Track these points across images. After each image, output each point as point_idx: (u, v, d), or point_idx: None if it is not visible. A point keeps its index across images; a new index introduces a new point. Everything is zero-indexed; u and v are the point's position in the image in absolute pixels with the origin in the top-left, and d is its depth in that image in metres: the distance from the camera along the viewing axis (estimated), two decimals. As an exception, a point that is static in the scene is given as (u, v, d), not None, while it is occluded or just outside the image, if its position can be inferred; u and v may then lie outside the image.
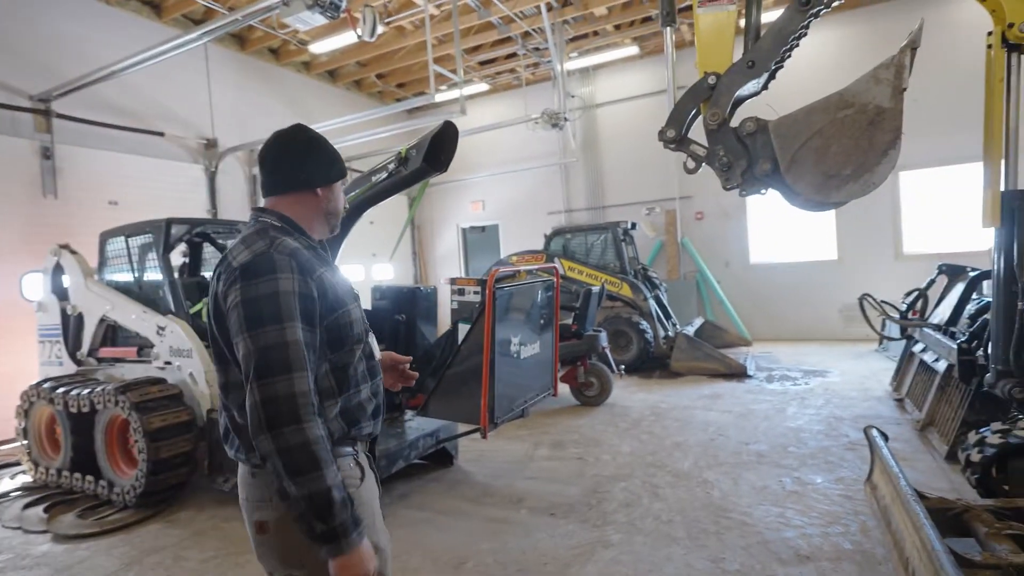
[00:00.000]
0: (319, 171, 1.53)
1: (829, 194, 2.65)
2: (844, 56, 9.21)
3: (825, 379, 6.87)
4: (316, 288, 1.38)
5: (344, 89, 11.57)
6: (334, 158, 1.57)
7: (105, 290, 4.83)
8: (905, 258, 9.24)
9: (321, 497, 1.22)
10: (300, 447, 1.23)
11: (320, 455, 1.24)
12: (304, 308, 1.34)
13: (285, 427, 1.23)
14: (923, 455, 4.21)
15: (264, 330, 1.28)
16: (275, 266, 1.33)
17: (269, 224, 1.46)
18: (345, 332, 1.45)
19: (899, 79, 2.47)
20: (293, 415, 1.24)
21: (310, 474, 1.22)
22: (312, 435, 1.25)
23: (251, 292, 1.30)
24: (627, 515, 3.59)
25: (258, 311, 1.29)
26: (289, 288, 1.32)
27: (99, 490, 4.28)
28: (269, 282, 1.31)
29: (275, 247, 1.36)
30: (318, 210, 1.54)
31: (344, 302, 1.46)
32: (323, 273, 1.43)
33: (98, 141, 7.29)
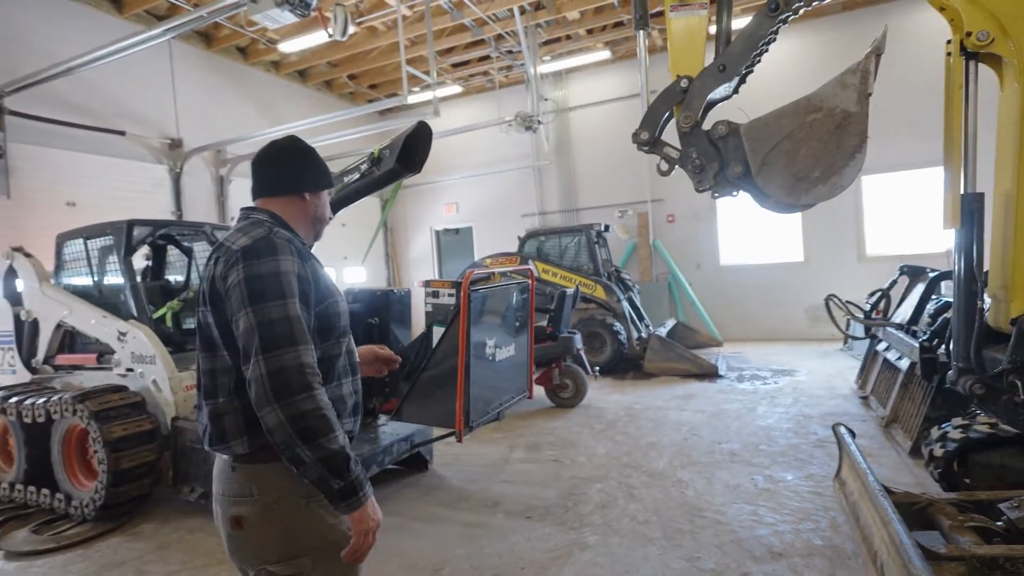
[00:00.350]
0: (309, 177, 1.61)
1: (799, 196, 2.70)
2: (811, 63, 9.46)
3: (793, 378, 7.03)
4: (310, 274, 1.46)
5: (315, 89, 11.38)
6: (324, 169, 1.66)
7: (62, 294, 4.63)
8: (868, 259, 9.53)
9: (338, 456, 1.28)
10: (312, 413, 1.27)
11: (331, 418, 1.30)
12: (301, 289, 1.40)
13: (297, 395, 1.27)
14: (888, 451, 4.33)
15: (268, 304, 1.32)
16: (276, 248, 1.39)
17: (262, 219, 1.52)
18: (333, 322, 1.50)
19: (865, 84, 2.54)
20: (303, 384, 1.29)
21: (325, 436, 1.27)
22: (323, 400, 1.30)
23: (254, 270, 1.35)
24: (603, 516, 3.59)
25: (261, 287, 1.34)
26: (290, 268, 1.39)
27: (55, 504, 4.09)
28: (271, 262, 1.37)
29: (274, 233, 1.44)
30: (306, 214, 1.61)
31: (333, 292, 1.52)
32: (314, 264, 1.51)
33: (55, 139, 7.00)
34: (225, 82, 9.33)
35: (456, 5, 8.48)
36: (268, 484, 1.38)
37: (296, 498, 1.38)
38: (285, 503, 1.38)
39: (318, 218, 1.64)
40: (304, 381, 1.29)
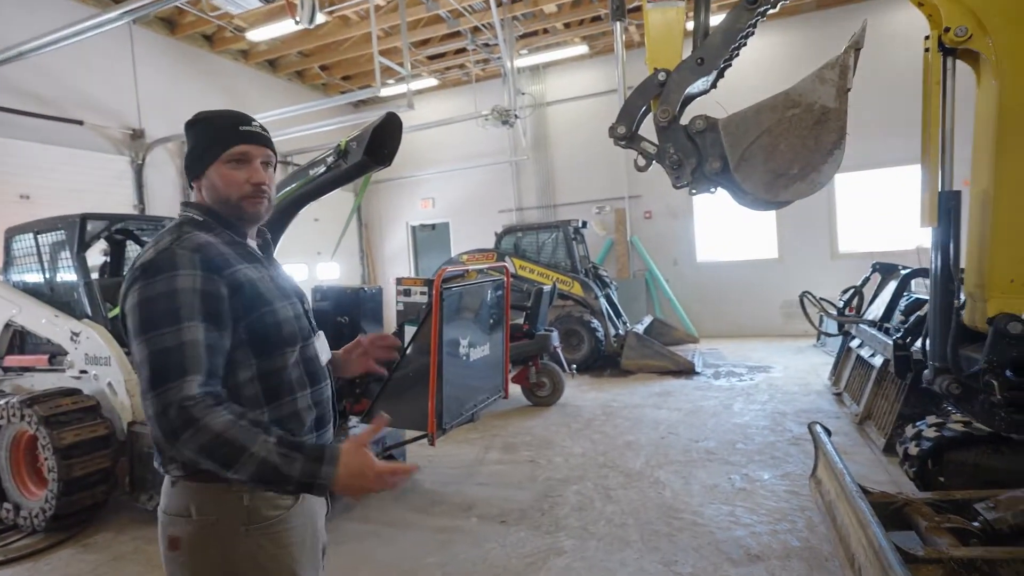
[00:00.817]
0: (190, 160, 1.41)
1: (777, 193, 2.65)
2: (787, 61, 9.52)
3: (769, 375, 7.07)
4: (227, 285, 1.26)
5: (285, 80, 11.08)
6: (205, 140, 1.38)
7: (11, 292, 4.38)
8: (840, 256, 9.65)
9: (265, 471, 1.13)
10: (210, 444, 1.12)
11: (238, 438, 1.13)
12: (208, 307, 1.22)
13: (183, 434, 1.12)
14: (862, 448, 4.35)
15: (159, 332, 1.17)
16: (175, 262, 1.22)
17: (189, 218, 1.37)
18: (271, 333, 1.32)
19: (843, 79, 2.49)
20: (187, 419, 1.12)
21: (239, 460, 1.12)
22: (218, 426, 1.13)
23: (148, 291, 1.20)
24: (580, 519, 3.52)
25: (152, 312, 1.19)
26: (188, 286, 1.21)
27: (3, 514, 3.86)
28: (165, 280, 1.20)
29: (179, 242, 1.26)
30: (210, 202, 1.39)
31: (268, 300, 1.33)
32: (242, 270, 1.31)
33: (6, 129, 6.64)
34: (190, 71, 8.99)
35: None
36: (206, 504, 1.25)
37: (235, 523, 1.25)
38: (223, 527, 1.25)
39: (219, 200, 1.37)
40: (186, 416, 1.12)
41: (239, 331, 1.28)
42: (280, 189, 3.42)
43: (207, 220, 1.37)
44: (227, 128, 1.37)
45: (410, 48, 9.78)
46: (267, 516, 1.27)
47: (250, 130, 1.39)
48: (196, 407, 1.13)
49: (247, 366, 1.30)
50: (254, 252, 1.42)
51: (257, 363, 1.31)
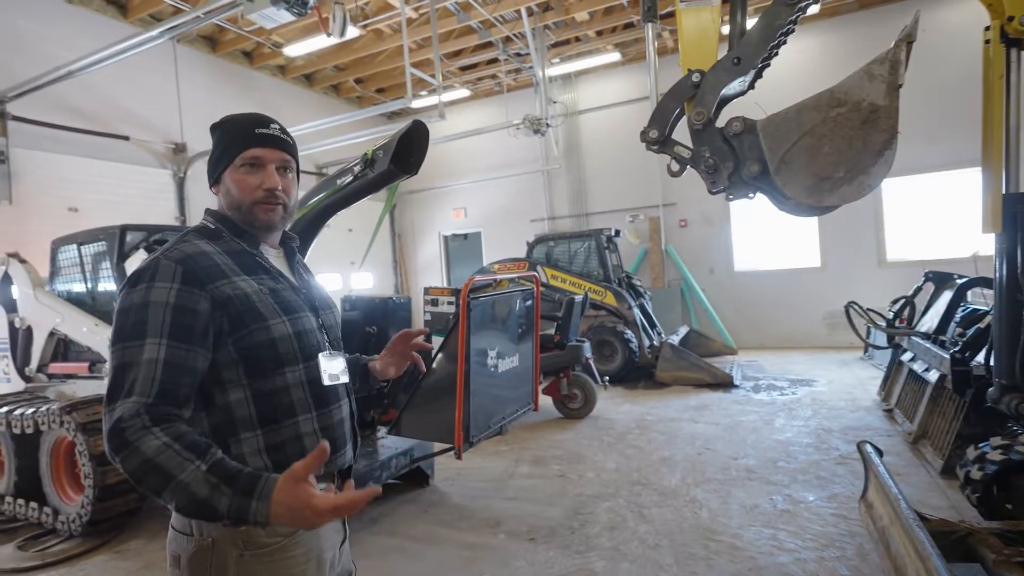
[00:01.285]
0: (211, 162, 1.36)
1: (822, 197, 2.48)
2: (826, 65, 9.21)
3: (812, 388, 6.75)
4: (210, 299, 1.19)
5: (321, 94, 11.32)
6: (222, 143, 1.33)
7: (55, 301, 4.52)
8: (888, 265, 9.21)
9: (192, 503, 1.05)
10: (142, 468, 1.05)
11: (168, 464, 1.04)
12: (177, 323, 1.15)
13: (119, 454, 1.07)
14: (916, 469, 4.07)
15: (124, 345, 1.13)
16: (156, 273, 1.18)
17: (201, 226, 1.34)
18: (263, 352, 1.24)
19: (894, 75, 2.32)
20: (121, 441, 1.06)
21: (167, 488, 1.05)
22: (150, 450, 1.05)
23: (125, 301, 1.17)
24: (611, 539, 3.37)
25: (124, 323, 1.15)
26: (161, 299, 1.15)
27: (43, 518, 3.96)
28: (143, 291, 1.16)
29: (169, 251, 1.22)
30: (227, 208, 1.35)
31: (263, 316, 1.24)
32: (234, 283, 1.23)
33: (57, 145, 6.95)
34: (230, 86, 9.28)
35: (462, 7, 8.35)
36: (206, 524, 1.18)
37: (230, 547, 1.18)
38: (219, 550, 1.19)
39: (233, 207, 1.32)
40: (121, 439, 1.06)
41: (227, 348, 1.21)
42: (308, 199, 3.42)
43: (218, 228, 1.33)
44: (242, 131, 1.32)
45: (442, 59, 9.88)
46: (264, 543, 1.20)
47: (266, 132, 1.32)
48: (130, 429, 1.06)
49: (237, 386, 1.22)
50: (264, 263, 1.34)
51: (249, 383, 1.23)
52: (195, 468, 1.05)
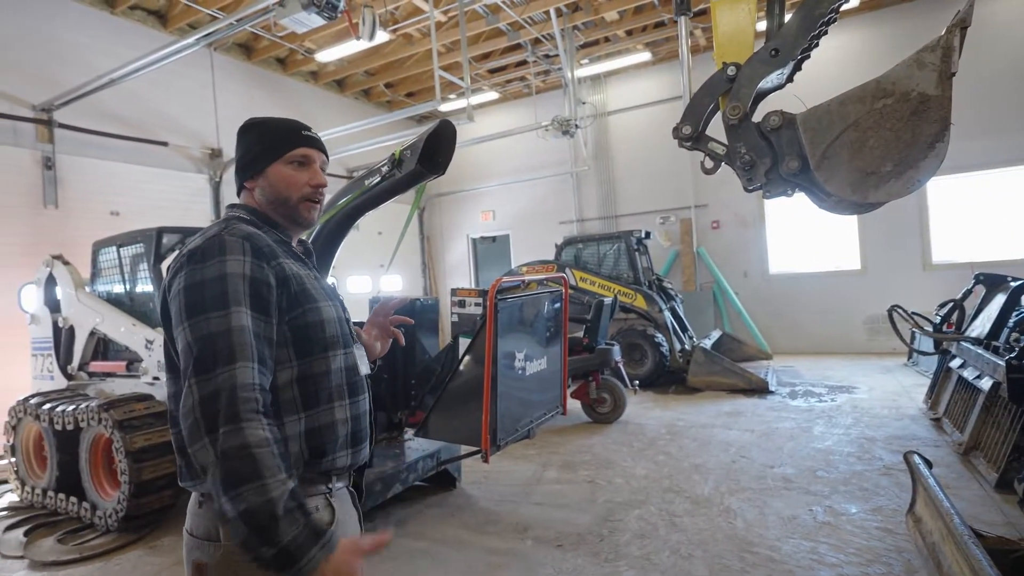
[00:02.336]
0: (245, 159, 1.37)
1: (867, 193, 2.35)
2: (868, 62, 8.90)
3: (852, 395, 6.49)
4: (275, 275, 1.20)
5: (352, 99, 11.48)
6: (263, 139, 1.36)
7: (95, 302, 4.66)
8: (934, 267, 8.82)
9: (262, 513, 0.99)
10: (237, 451, 1.01)
11: (262, 460, 1.02)
12: (256, 294, 1.15)
13: (222, 427, 1.02)
14: (968, 482, 3.84)
15: (207, 316, 1.10)
16: (224, 247, 1.16)
17: (234, 216, 1.33)
18: (314, 333, 1.25)
19: (947, 63, 2.18)
20: (231, 413, 1.03)
21: (248, 484, 1.00)
22: (254, 436, 1.03)
23: (195, 277, 1.14)
24: (641, 548, 3.27)
25: (200, 296, 1.12)
26: (238, 270, 1.15)
27: (82, 512, 4.07)
28: (216, 264, 1.14)
29: (228, 230, 1.21)
30: (261, 202, 1.35)
31: (314, 297, 1.26)
32: (288, 264, 1.25)
33: (100, 151, 7.20)
34: (264, 92, 9.47)
35: (491, 9, 8.35)
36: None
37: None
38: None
39: (273, 201, 1.34)
40: (232, 410, 1.03)
41: (283, 327, 1.21)
42: (336, 200, 3.43)
43: (253, 220, 1.33)
44: (290, 131, 1.37)
45: (471, 62, 9.90)
46: None
47: (311, 135, 1.39)
48: (245, 405, 1.04)
49: (287, 367, 1.22)
50: (298, 253, 1.37)
51: (298, 364, 1.23)
52: (283, 480, 1.03)
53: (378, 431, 4.26)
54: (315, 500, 1.23)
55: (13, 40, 6.53)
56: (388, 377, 4.24)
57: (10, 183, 6.35)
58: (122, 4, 7.40)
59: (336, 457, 1.27)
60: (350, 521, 1.33)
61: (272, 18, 4.45)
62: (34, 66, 6.66)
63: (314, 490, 1.24)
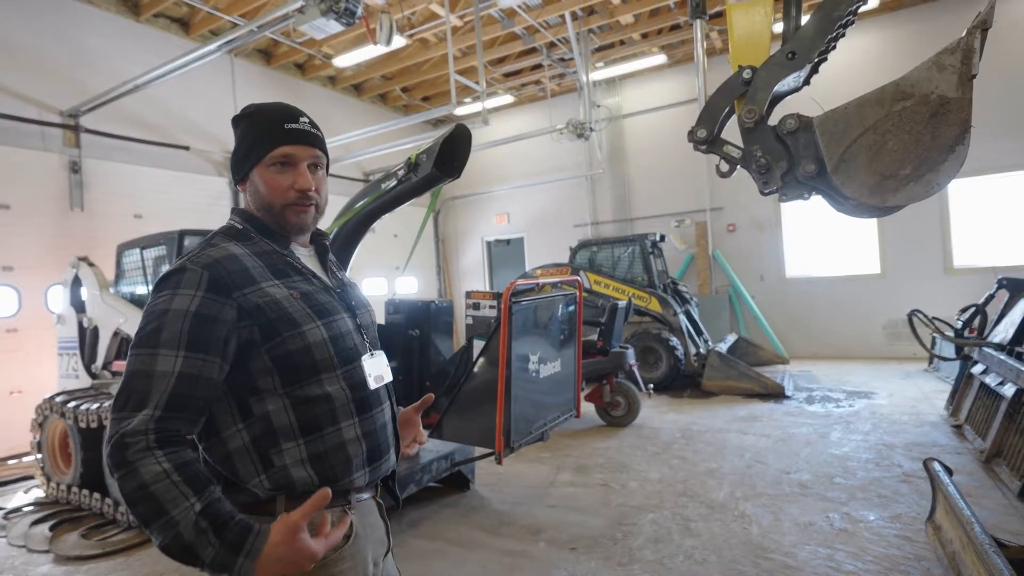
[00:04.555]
0: (237, 159, 1.29)
1: (885, 197, 2.33)
2: (886, 63, 8.79)
3: (871, 401, 6.40)
4: (237, 308, 1.13)
5: (369, 103, 11.60)
6: (250, 138, 1.25)
7: (119, 302, 4.76)
8: (955, 272, 8.67)
9: (175, 545, 0.99)
10: (136, 493, 1.00)
11: (163, 495, 0.99)
12: (197, 332, 1.09)
13: (116, 472, 1.02)
14: (990, 490, 3.77)
15: (138, 352, 1.08)
16: (181, 280, 1.12)
17: (228, 227, 1.28)
18: (300, 359, 1.18)
19: (967, 65, 2.15)
20: (122, 457, 1.01)
21: (156, 522, 0.99)
22: (148, 474, 1.00)
23: (149, 307, 1.13)
24: (655, 552, 3.27)
25: (143, 327, 1.10)
26: (183, 307, 1.10)
27: (105, 508, 4.16)
28: (165, 299, 1.11)
29: (196, 257, 1.16)
30: (256, 206, 1.28)
31: (296, 322, 1.18)
32: (264, 288, 1.17)
33: (124, 155, 7.37)
34: (283, 96, 9.55)
35: (507, 13, 8.39)
36: None
37: None
38: None
39: (263, 207, 1.26)
40: (122, 454, 1.01)
41: (261, 358, 1.15)
42: (353, 203, 3.48)
43: (247, 228, 1.27)
44: (271, 126, 1.24)
45: (486, 66, 9.96)
46: None
47: (297, 128, 1.25)
48: (133, 446, 1.01)
49: (274, 396, 1.16)
50: (295, 263, 1.28)
51: (287, 392, 1.17)
52: (188, 506, 1.00)
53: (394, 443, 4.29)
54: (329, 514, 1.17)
55: (43, 48, 6.71)
56: (403, 378, 4.29)
57: (38, 186, 6.52)
58: (146, 12, 7.58)
59: (353, 479, 1.22)
60: (372, 533, 1.28)
61: (291, 24, 4.53)
62: (62, 73, 6.85)
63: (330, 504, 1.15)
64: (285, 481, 1.15)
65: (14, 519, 4.35)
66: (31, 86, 6.56)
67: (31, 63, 6.59)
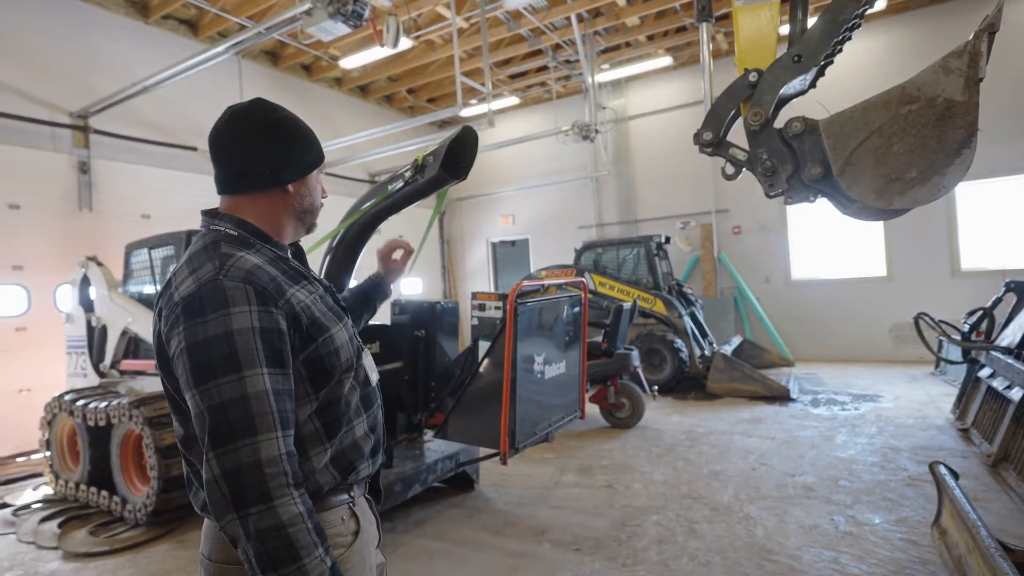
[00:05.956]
0: (290, 160, 1.23)
1: (891, 200, 2.33)
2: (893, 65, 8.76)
3: (877, 404, 6.38)
4: (285, 317, 1.10)
5: (375, 104, 11.64)
6: (309, 140, 1.27)
7: (127, 302, 4.81)
8: (962, 275, 8.63)
9: None
10: (271, 532, 0.97)
11: (299, 540, 0.98)
12: (270, 348, 1.05)
13: (252, 507, 0.97)
14: (997, 495, 3.76)
15: (217, 384, 1.01)
16: (226, 298, 1.05)
17: (222, 235, 1.18)
18: (331, 363, 1.17)
19: (974, 68, 2.15)
20: (260, 492, 0.98)
21: (286, 568, 0.97)
22: (287, 515, 0.98)
23: (197, 335, 1.03)
24: (660, 553, 3.27)
25: (206, 359, 1.02)
26: (247, 324, 1.04)
27: (113, 506, 4.20)
28: (219, 320, 1.03)
29: (225, 271, 1.08)
30: (289, 211, 1.25)
31: (326, 326, 1.18)
32: (295, 293, 1.15)
33: (133, 156, 7.42)
34: (289, 98, 9.65)
35: (513, 15, 8.41)
36: None
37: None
38: None
39: (307, 209, 1.28)
40: (261, 488, 0.97)
41: (297, 365, 1.13)
42: (360, 205, 3.50)
43: (242, 235, 1.19)
44: (317, 139, 1.32)
45: (492, 68, 9.98)
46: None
47: None
48: (275, 480, 0.99)
49: (307, 403, 1.15)
50: (299, 268, 1.26)
51: (317, 397, 1.16)
52: (320, 557, 1.01)
53: (398, 432, 4.31)
54: (340, 511, 1.21)
55: (53, 50, 6.78)
56: (408, 379, 4.30)
57: (48, 187, 6.58)
58: (155, 14, 7.64)
59: (360, 469, 1.25)
60: (370, 528, 1.31)
61: (299, 26, 4.56)
62: (72, 74, 6.91)
63: (338, 501, 1.22)
64: (313, 486, 1.16)
65: (23, 516, 4.39)
66: (41, 87, 6.62)
67: (42, 65, 6.65)
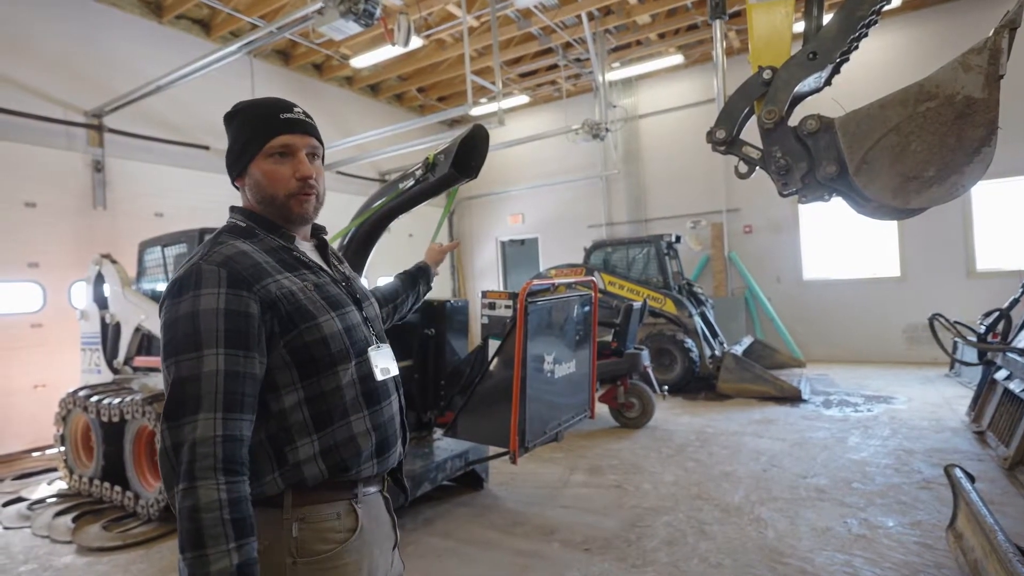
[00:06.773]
0: (233, 156, 1.28)
1: (908, 199, 2.30)
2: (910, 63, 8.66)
3: (890, 406, 6.30)
4: (259, 301, 1.13)
5: (386, 103, 11.67)
6: (245, 130, 1.25)
7: (141, 299, 4.85)
8: (978, 275, 8.51)
9: None
10: (187, 513, 0.98)
11: (207, 528, 0.97)
12: (233, 329, 1.08)
13: (179, 483, 1.00)
14: (1014, 498, 3.70)
15: (178, 359, 1.06)
16: (200, 280, 1.10)
17: (231, 225, 1.26)
18: (317, 351, 1.18)
19: (994, 65, 2.11)
20: (187, 470, 1.00)
21: (192, 552, 0.96)
22: (205, 499, 0.98)
23: (171, 313, 1.10)
24: (670, 554, 3.25)
25: (175, 335, 1.08)
26: (212, 305, 1.08)
27: (126, 501, 4.24)
28: (189, 300, 1.09)
29: (207, 256, 1.14)
30: (255, 203, 1.27)
31: (312, 314, 1.18)
32: (279, 281, 1.17)
33: (147, 154, 7.50)
34: (301, 97, 9.68)
35: (523, 14, 8.40)
36: (260, 528, 1.11)
37: (283, 553, 1.14)
38: (273, 555, 1.13)
39: (263, 201, 1.25)
40: (188, 467, 0.99)
41: (279, 351, 1.15)
42: (370, 203, 3.51)
43: (250, 226, 1.25)
44: (267, 117, 1.24)
45: (502, 67, 9.97)
46: (317, 550, 1.15)
47: (292, 117, 1.25)
48: (202, 462, 1.00)
49: (292, 390, 1.16)
50: (302, 257, 1.28)
51: (304, 386, 1.17)
52: (225, 551, 0.98)
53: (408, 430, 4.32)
54: (336, 507, 1.20)
55: (68, 50, 6.85)
56: (418, 377, 4.31)
57: (63, 185, 6.66)
58: (169, 14, 7.70)
59: (361, 470, 1.22)
60: (379, 527, 1.28)
61: (311, 26, 4.58)
62: (86, 74, 6.99)
63: (336, 496, 1.20)
64: (298, 478, 1.15)
65: (38, 510, 4.45)
66: (56, 87, 6.70)
67: (57, 65, 6.73)
